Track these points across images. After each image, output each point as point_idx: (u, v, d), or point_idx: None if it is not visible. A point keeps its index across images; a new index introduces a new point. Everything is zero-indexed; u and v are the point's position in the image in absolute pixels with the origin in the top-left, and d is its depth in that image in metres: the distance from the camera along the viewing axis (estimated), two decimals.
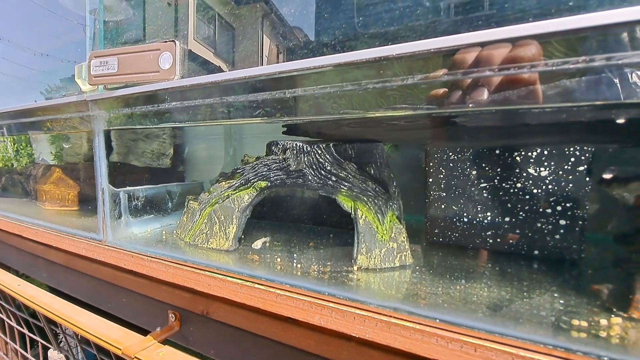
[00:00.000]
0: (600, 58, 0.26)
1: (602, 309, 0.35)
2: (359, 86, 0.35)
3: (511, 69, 0.30)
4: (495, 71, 0.30)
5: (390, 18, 0.55)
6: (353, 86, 0.35)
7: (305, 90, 0.37)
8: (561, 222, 0.50)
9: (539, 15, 0.43)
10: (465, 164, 0.56)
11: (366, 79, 0.35)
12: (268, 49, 0.70)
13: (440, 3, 0.52)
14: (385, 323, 0.35)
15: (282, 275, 0.45)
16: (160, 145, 0.81)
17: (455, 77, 0.32)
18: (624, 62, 0.26)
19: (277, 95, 0.39)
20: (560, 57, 0.28)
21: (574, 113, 0.48)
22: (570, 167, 0.49)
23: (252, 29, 0.71)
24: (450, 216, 0.58)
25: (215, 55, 0.78)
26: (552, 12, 0.39)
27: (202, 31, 0.77)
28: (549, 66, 0.28)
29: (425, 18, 0.52)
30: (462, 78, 0.32)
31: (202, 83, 0.45)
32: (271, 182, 0.52)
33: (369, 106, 0.36)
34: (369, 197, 0.49)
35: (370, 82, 0.35)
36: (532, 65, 0.29)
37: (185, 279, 0.52)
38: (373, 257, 0.47)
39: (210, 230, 0.55)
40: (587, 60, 0.26)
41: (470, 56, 0.31)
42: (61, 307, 0.80)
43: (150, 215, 0.68)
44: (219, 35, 0.77)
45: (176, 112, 0.52)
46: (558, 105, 0.30)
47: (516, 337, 0.30)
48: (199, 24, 0.77)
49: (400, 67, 0.34)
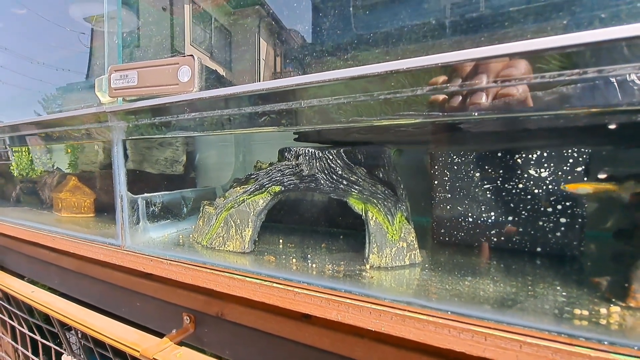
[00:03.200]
0: (592, 71, 0.29)
1: (602, 300, 0.38)
2: (369, 97, 0.38)
3: (506, 81, 0.33)
4: (492, 82, 0.33)
5: (387, 23, 0.58)
6: (364, 97, 0.38)
7: (320, 101, 0.40)
8: (561, 220, 0.53)
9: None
10: (468, 166, 0.59)
11: (373, 90, 0.38)
12: (265, 53, 0.73)
13: (437, 9, 0.55)
14: (400, 317, 0.38)
15: (298, 274, 0.48)
16: (174, 153, 0.84)
17: (456, 88, 0.35)
18: (612, 74, 0.29)
19: (291, 105, 0.42)
20: (555, 69, 0.31)
21: (571, 118, 0.51)
22: (568, 168, 0.52)
23: (249, 33, 0.73)
24: (456, 216, 0.60)
25: (211, 59, 0.80)
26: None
27: (198, 36, 0.79)
28: (542, 78, 0.31)
29: (423, 22, 0.55)
30: (461, 90, 0.35)
31: (220, 95, 0.48)
32: (285, 187, 0.55)
33: (376, 114, 0.39)
34: (379, 199, 0.51)
35: (378, 93, 0.38)
36: (525, 77, 0.32)
37: (205, 281, 0.54)
38: (384, 256, 0.50)
39: (227, 234, 0.58)
40: (580, 73, 0.29)
41: (470, 68, 0.34)
42: (76, 312, 0.82)
43: (166, 220, 0.70)
44: (215, 40, 0.78)
45: (193, 123, 0.55)
46: (554, 113, 0.33)
47: (523, 326, 0.33)
48: (195, 29, 0.79)
49: (405, 78, 0.37)
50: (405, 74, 0.36)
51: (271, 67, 0.72)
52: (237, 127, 0.50)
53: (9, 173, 1.14)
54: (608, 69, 0.28)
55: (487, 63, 0.33)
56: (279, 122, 0.45)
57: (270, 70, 0.71)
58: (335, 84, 0.38)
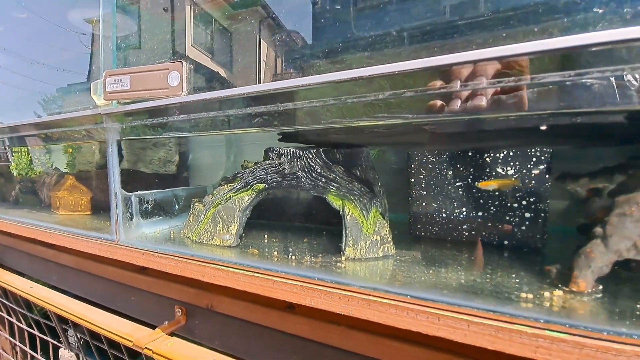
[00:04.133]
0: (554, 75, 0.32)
1: (549, 285, 0.41)
2: (350, 99, 0.42)
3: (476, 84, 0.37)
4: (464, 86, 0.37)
5: (387, 25, 0.61)
6: (347, 99, 0.42)
7: (303, 104, 0.44)
8: (526, 215, 0.56)
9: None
10: (442, 165, 0.63)
11: (356, 93, 0.41)
12: (265, 54, 0.75)
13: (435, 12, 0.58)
14: (365, 301, 0.41)
15: (278, 265, 0.51)
16: (167, 153, 0.88)
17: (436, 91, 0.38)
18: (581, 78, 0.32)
19: (272, 108, 0.45)
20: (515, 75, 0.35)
21: (534, 119, 0.54)
22: (532, 166, 0.56)
23: (250, 34, 0.75)
24: (431, 212, 0.64)
25: (212, 61, 0.83)
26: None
27: (199, 37, 0.81)
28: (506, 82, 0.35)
29: (421, 24, 0.58)
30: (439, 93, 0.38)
31: (206, 99, 0.51)
32: (268, 184, 0.59)
33: (359, 115, 0.42)
34: (355, 195, 0.55)
35: (359, 96, 0.41)
36: (494, 81, 0.36)
37: (193, 272, 0.58)
38: (359, 249, 0.53)
39: (214, 229, 0.62)
40: (538, 78, 0.33)
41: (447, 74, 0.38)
42: (74, 306, 0.86)
43: (159, 217, 0.74)
44: (216, 41, 0.81)
45: (183, 124, 0.59)
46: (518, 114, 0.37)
47: (472, 307, 0.36)
48: (196, 30, 0.82)
49: (385, 82, 0.40)
50: (386, 78, 0.39)
51: (272, 67, 0.75)
52: (225, 129, 0.54)
53: (9, 173, 1.17)
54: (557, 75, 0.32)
55: (454, 69, 0.37)
56: (266, 123, 0.48)
57: (271, 71, 0.74)
58: (320, 87, 0.42)
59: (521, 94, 0.37)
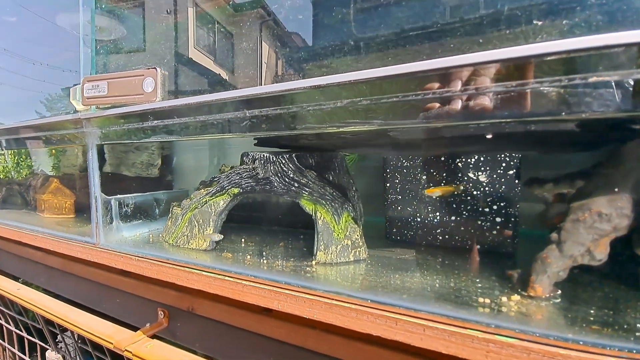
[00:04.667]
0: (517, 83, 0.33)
1: (510, 290, 0.42)
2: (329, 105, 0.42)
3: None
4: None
5: (389, 26, 0.61)
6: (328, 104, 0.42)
7: (277, 110, 0.44)
8: (497, 219, 0.57)
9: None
10: (416, 169, 0.64)
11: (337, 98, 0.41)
12: (267, 56, 0.76)
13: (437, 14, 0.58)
14: (328, 305, 0.42)
15: (249, 269, 0.52)
16: (149, 157, 0.88)
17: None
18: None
19: (240, 114, 0.46)
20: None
21: (502, 125, 0.55)
22: (502, 171, 0.56)
23: (251, 36, 0.73)
24: (406, 216, 0.65)
25: (215, 63, 0.84)
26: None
27: (202, 39, 0.81)
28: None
29: (422, 26, 0.59)
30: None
31: (178, 105, 0.52)
32: (242, 189, 0.59)
33: (339, 120, 0.42)
34: (327, 200, 0.56)
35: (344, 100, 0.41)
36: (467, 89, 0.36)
37: (168, 275, 0.59)
38: (330, 253, 0.54)
39: (191, 233, 0.62)
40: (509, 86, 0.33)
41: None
42: (58, 308, 0.86)
43: (139, 220, 0.75)
44: (219, 44, 0.80)
45: (159, 129, 0.59)
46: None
47: (428, 312, 0.37)
48: (199, 32, 0.82)
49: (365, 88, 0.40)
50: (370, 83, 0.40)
51: (273, 70, 0.75)
52: (201, 134, 0.55)
53: None
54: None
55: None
56: (244, 129, 0.49)
57: (272, 74, 0.74)
58: (300, 92, 0.43)
59: (484, 101, 0.38)
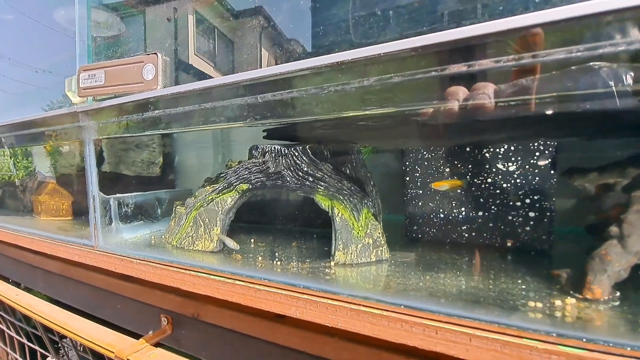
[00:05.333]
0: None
1: (560, 292, 0.37)
2: (341, 87, 0.37)
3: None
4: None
5: (387, 30, 0.58)
6: (334, 87, 0.38)
7: (292, 93, 0.40)
8: (530, 214, 0.52)
9: None
10: (438, 162, 0.59)
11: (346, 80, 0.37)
12: (267, 62, 0.74)
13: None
14: (355, 312, 0.37)
15: (262, 272, 0.47)
16: (150, 154, 0.84)
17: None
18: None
19: (250, 100, 0.41)
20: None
21: (535, 109, 0.50)
22: (535, 161, 0.52)
23: (251, 42, 0.74)
24: (427, 212, 0.60)
25: (215, 69, 0.82)
26: None
27: (202, 46, 0.81)
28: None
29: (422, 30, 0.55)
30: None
31: (182, 92, 0.47)
32: (252, 185, 0.55)
33: (351, 105, 0.38)
34: (345, 195, 0.51)
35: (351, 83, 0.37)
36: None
37: (173, 279, 0.54)
38: (350, 253, 0.49)
39: (196, 233, 0.57)
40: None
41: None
42: (57, 315, 0.82)
43: (139, 221, 0.70)
44: (219, 50, 0.80)
45: (161, 120, 0.55)
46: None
47: (474, 319, 0.32)
48: (199, 39, 0.81)
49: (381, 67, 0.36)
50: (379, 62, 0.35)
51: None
52: (207, 123, 0.50)
53: None
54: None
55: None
56: (252, 116, 0.45)
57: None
58: (308, 73, 0.38)
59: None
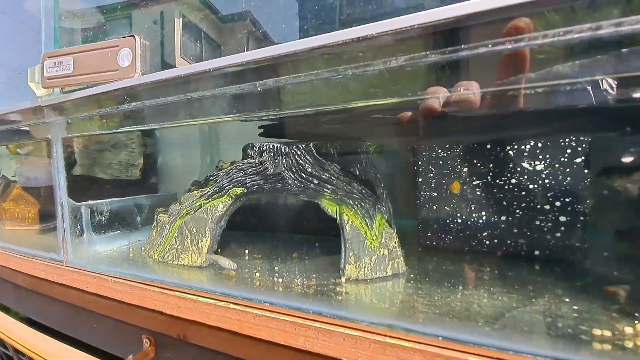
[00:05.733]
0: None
1: (621, 315, 0.31)
2: (336, 73, 0.31)
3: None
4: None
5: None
6: (329, 73, 0.31)
7: (277, 81, 0.33)
8: (561, 218, 0.47)
9: None
10: (455, 160, 0.53)
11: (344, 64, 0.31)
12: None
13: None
14: (380, 344, 0.30)
15: (261, 292, 0.40)
16: (129, 156, 0.75)
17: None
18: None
19: (247, 88, 0.34)
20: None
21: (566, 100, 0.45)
22: (566, 159, 0.46)
23: (238, 46, 0.72)
24: (444, 217, 0.54)
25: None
26: None
27: (188, 49, 0.79)
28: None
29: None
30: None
31: (165, 79, 0.40)
32: (247, 189, 0.47)
33: (352, 97, 0.33)
34: (355, 199, 0.44)
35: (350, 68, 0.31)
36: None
37: (153, 301, 0.46)
38: (363, 267, 0.42)
39: (181, 245, 0.50)
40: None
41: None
42: (28, 336, 0.73)
43: (116, 231, 0.62)
44: (205, 53, 0.78)
45: (141, 114, 0.47)
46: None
47: (534, 355, 0.26)
48: (186, 42, 0.79)
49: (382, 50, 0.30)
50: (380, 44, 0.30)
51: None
52: (194, 117, 0.43)
53: None
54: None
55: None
56: (244, 107, 0.38)
57: None
58: (294, 58, 0.31)
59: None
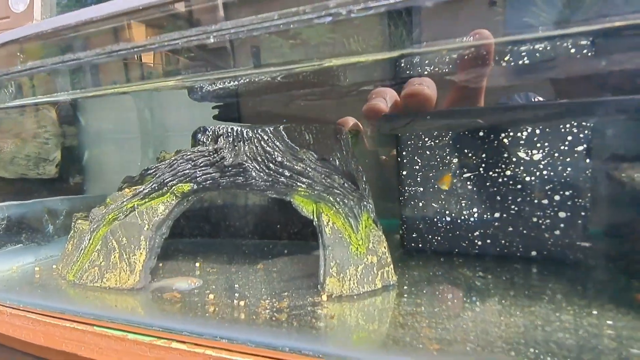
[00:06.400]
0: None
1: None
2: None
3: None
4: None
5: None
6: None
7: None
8: (560, 214, 0.42)
9: None
10: (444, 150, 0.47)
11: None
12: None
13: None
14: None
15: (216, 323, 0.30)
16: (40, 148, 0.58)
17: None
18: None
19: (194, 35, 0.24)
20: None
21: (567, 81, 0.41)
22: (567, 147, 0.42)
23: None
24: (430, 216, 0.48)
25: None
26: None
27: None
28: None
29: None
30: None
31: (75, 24, 0.28)
32: (198, 184, 0.37)
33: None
34: (336, 196, 0.36)
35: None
36: None
37: (64, 341, 0.34)
38: (347, 279, 0.34)
39: (106, 261, 0.37)
40: None
41: None
42: None
43: (17, 245, 0.47)
44: None
45: (47, 79, 0.34)
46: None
47: None
48: None
49: None
50: None
51: None
52: (123, 82, 0.32)
53: None
54: None
55: None
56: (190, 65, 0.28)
57: None
58: None
59: None
